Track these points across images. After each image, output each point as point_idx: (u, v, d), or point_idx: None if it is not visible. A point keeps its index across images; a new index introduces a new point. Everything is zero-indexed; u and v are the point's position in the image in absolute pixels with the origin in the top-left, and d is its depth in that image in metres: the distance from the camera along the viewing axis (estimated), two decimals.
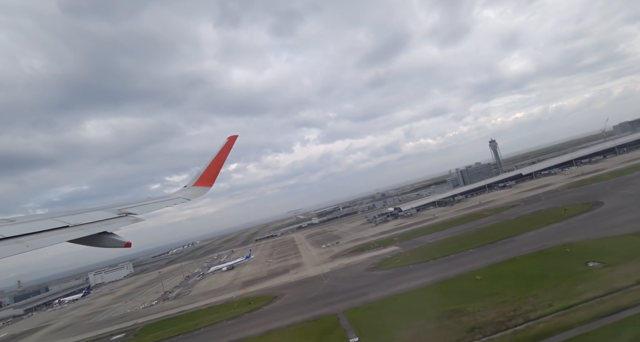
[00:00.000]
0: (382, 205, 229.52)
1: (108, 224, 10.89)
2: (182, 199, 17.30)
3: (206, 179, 20.35)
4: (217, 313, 68.21)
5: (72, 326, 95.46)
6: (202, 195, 19.41)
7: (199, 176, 20.35)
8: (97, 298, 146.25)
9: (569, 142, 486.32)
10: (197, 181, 20.26)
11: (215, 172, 20.77)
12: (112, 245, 9.97)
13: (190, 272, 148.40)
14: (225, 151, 21.22)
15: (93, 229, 10.11)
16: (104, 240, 9.99)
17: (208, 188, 20.32)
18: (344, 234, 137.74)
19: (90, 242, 9.81)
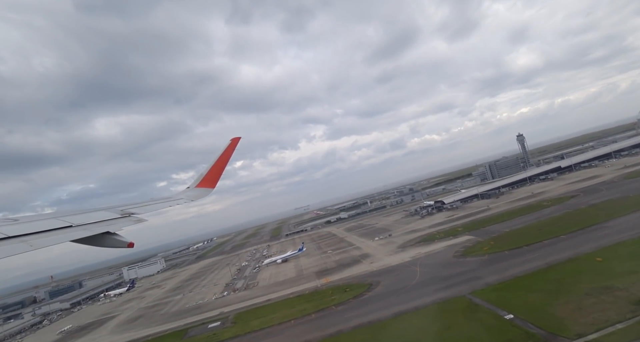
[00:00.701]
0: (410, 199, 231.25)
1: (111, 224, 11.13)
2: (184, 200, 17.57)
3: (209, 180, 20.45)
4: (314, 300, 69.66)
5: (144, 317, 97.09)
6: (205, 196, 19.55)
7: (201, 177, 20.48)
8: (145, 292, 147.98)
9: (583, 136, 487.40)
10: (200, 182, 20.37)
11: (218, 174, 20.80)
12: (115, 245, 10.12)
13: (236, 265, 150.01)
14: (228, 153, 21.32)
15: (96, 229, 10.28)
16: (107, 240, 10.16)
17: (211, 189, 20.44)
18: (391, 227, 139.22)
19: (94, 242, 9.98)
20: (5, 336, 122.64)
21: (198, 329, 71.47)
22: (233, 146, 21.45)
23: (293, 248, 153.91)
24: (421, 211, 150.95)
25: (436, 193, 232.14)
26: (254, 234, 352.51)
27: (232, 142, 21.56)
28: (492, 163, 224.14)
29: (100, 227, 10.45)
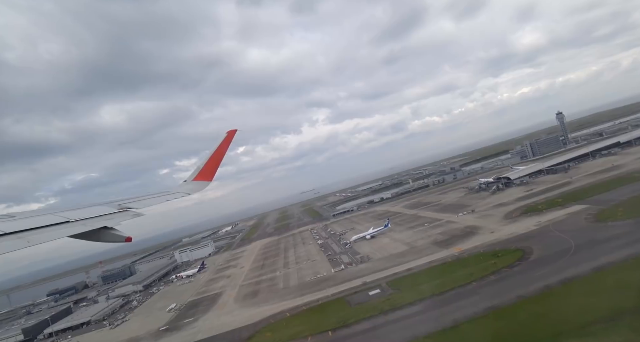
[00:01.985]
0: (452, 178, 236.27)
1: (108, 219, 11.20)
2: (182, 193, 17.68)
3: (206, 173, 20.53)
4: (469, 266, 73.52)
5: (263, 292, 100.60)
6: (202, 189, 19.63)
7: (198, 171, 20.55)
8: (223, 272, 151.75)
9: (595, 114, 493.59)
10: (197, 176, 20.46)
11: (215, 167, 20.85)
12: (112, 240, 10.21)
13: (311, 243, 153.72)
14: (225, 145, 21.34)
15: (93, 224, 10.31)
16: (104, 235, 10.22)
17: (208, 182, 20.49)
18: (464, 203, 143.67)
19: (91, 237, 10.01)
20: (103, 316, 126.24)
21: (358, 296, 75.30)
22: (229, 139, 21.58)
23: (362, 226, 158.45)
24: (487, 187, 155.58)
25: (476, 172, 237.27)
26: (283, 217, 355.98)
27: (228, 135, 21.67)
28: (533, 142, 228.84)
29: (98, 222, 10.54)
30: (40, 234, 8.71)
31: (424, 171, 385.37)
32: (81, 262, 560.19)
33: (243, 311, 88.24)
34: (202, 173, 20.55)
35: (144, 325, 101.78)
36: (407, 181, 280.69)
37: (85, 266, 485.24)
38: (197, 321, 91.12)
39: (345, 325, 62.81)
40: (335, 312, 70.62)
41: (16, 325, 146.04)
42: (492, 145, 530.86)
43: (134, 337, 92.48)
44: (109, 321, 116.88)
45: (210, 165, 20.84)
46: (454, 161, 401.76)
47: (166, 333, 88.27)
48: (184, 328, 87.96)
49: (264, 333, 69.87)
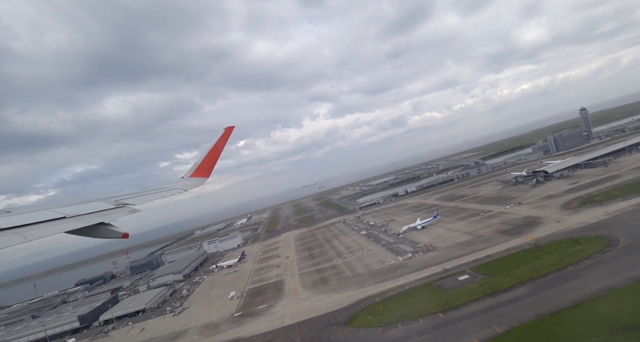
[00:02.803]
0: (476, 172, 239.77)
1: (105, 215, 11.23)
2: (179, 189, 17.69)
3: (203, 169, 20.49)
4: (554, 253, 76.47)
5: (332, 280, 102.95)
6: (199, 186, 19.65)
7: (196, 167, 20.50)
8: (268, 261, 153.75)
9: (602, 111, 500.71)
10: (194, 172, 20.43)
11: (212, 163, 20.81)
12: (109, 236, 10.26)
13: (353, 235, 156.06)
14: (222, 142, 21.21)
15: (90, 220, 10.33)
16: (101, 231, 10.26)
17: (205, 179, 20.49)
18: (505, 195, 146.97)
19: (88, 233, 10.09)
20: (157, 304, 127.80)
21: (447, 282, 77.70)
22: (227, 135, 21.50)
23: (402, 218, 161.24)
24: (524, 180, 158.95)
25: (499, 166, 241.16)
26: (300, 210, 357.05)
27: (226, 131, 21.60)
28: (556, 137, 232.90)
29: (95, 218, 10.56)
30: (37, 229, 8.73)
31: (436, 165, 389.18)
32: (82, 254, 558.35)
33: (322, 297, 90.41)
34: (200, 169, 20.50)
35: (212, 312, 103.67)
36: (423, 175, 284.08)
37: (86, 259, 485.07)
38: (273, 307, 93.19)
39: (452, 307, 65.27)
40: (430, 296, 73.02)
41: (54, 314, 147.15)
42: (501, 141, 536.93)
43: (210, 323, 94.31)
44: (169, 309, 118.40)
45: (207, 162, 20.76)
46: (467, 156, 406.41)
47: (245, 319, 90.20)
48: (264, 314, 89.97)
49: (363, 316, 72.16)
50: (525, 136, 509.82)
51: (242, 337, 79.07)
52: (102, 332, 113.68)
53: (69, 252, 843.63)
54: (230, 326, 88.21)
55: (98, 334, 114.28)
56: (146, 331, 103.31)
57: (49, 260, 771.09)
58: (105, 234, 10.34)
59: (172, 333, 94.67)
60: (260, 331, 79.53)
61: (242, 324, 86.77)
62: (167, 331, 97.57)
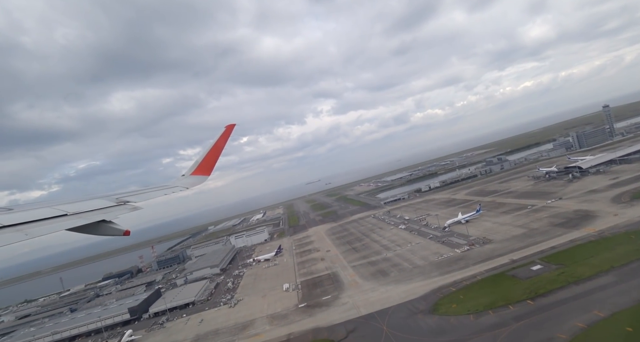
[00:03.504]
0: (499, 168, 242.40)
1: (106, 213, 11.31)
2: (180, 187, 17.77)
3: (204, 168, 20.54)
4: (627, 244, 78.40)
5: (395, 272, 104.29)
6: (199, 184, 19.70)
7: (197, 165, 20.56)
8: (308, 255, 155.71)
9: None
10: (194, 170, 20.47)
11: (212, 161, 20.84)
12: (110, 233, 10.34)
13: (391, 228, 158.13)
14: (223, 140, 21.25)
15: (91, 217, 10.40)
16: (102, 228, 10.34)
17: (206, 177, 20.49)
18: (542, 191, 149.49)
19: (89, 231, 10.13)
20: (206, 297, 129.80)
21: (521, 271, 79.69)
22: (228, 133, 21.50)
23: (439, 211, 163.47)
24: (557, 175, 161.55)
25: (521, 162, 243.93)
26: (318, 206, 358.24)
27: (226, 129, 21.60)
28: (580, 133, 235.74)
29: (96, 216, 10.66)
30: (39, 227, 8.81)
31: (450, 161, 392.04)
32: (83, 251, 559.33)
33: (389, 288, 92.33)
34: (201, 167, 20.56)
35: (271, 303, 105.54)
36: (441, 172, 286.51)
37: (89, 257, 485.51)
38: (339, 298, 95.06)
39: (539, 295, 67.50)
40: (509, 285, 75.18)
41: (97, 306, 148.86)
42: (510, 138, 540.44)
43: (276, 314, 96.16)
44: (222, 301, 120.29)
45: (208, 160, 20.81)
46: (480, 153, 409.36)
47: (313, 309, 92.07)
48: (332, 304, 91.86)
49: (447, 305, 74.23)
50: (535, 133, 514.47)
51: (320, 326, 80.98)
52: (157, 324, 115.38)
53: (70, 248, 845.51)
54: (301, 316, 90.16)
55: (153, 325, 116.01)
56: (206, 322, 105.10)
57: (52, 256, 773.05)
58: (106, 231, 10.37)
59: (238, 324, 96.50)
60: (336, 320, 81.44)
61: (314, 315, 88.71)
62: (230, 322, 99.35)
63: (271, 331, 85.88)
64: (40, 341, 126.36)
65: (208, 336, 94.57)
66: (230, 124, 21.85)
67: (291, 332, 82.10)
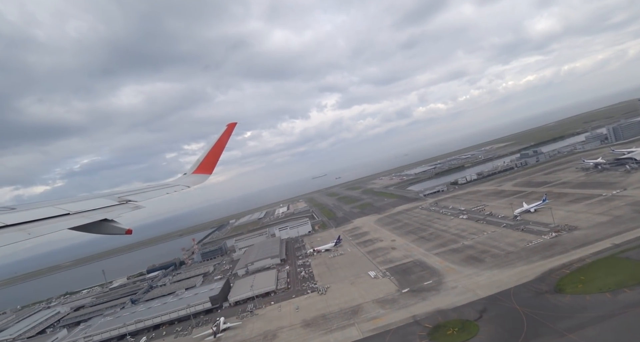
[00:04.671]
0: (535, 161, 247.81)
1: (108, 211, 11.43)
2: (181, 186, 17.92)
3: (205, 166, 20.67)
4: None
5: (485, 258, 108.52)
6: (201, 182, 19.80)
7: (198, 163, 20.71)
8: (371, 246, 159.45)
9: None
10: (196, 169, 20.60)
11: (214, 160, 20.88)
12: (112, 232, 10.45)
13: (450, 219, 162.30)
14: (225, 138, 21.37)
15: (93, 216, 10.50)
16: (104, 227, 10.48)
17: (208, 175, 20.62)
18: (600, 182, 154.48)
19: (91, 230, 10.26)
20: (287, 285, 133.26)
21: (634, 253, 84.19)
22: (229, 132, 21.57)
23: (494, 203, 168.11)
24: (609, 167, 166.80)
25: (555, 156, 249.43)
26: (346, 199, 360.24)
27: (228, 128, 21.72)
28: (616, 126, 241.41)
29: (98, 215, 10.80)
30: (41, 226, 8.90)
31: (472, 155, 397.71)
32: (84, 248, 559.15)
33: (493, 272, 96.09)
34: (202, 166, 20.72)
35: (366, 289, 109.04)
36: (467, 165, 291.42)
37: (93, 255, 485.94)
38: (442, 283, 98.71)
39: None
40: (628, 266, 79.61)
41: (163, 297, 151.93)
42: (525, 131, 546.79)
43: (380, 299, 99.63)
44: (309, 289, 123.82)
45: (210, 158, 20.93)
46: (499, 146, 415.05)
47: (421, 294, 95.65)
48: (439, 289, 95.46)
49: (572, 285, 78.30)
50: (552, 127, 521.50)
51: (442, 308, 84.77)
52: (247, 311, 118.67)
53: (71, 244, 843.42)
54: (413, 300, 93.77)
55: (242, 313, 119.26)
56: (304, 309, 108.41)
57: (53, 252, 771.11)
58: (108, 230, 10.55)
59: (344, 309, 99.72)
60: (457, 302, 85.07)
61: (426, 298, 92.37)
62: (333, 308, 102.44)
63: (390, 314, 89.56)
64: (124, 329, 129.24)
65: (317, 321, 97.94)
66: (231, 123, 21.80)
67: (413, 314, 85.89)
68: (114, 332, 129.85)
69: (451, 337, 73.15)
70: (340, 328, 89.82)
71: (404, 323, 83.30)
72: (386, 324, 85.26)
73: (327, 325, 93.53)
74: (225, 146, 21.37)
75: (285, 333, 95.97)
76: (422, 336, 76.50)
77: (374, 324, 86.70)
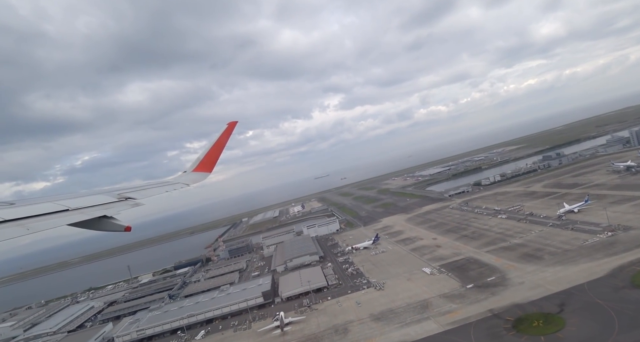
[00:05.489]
0: (558, 163, 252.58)
1: (108, 208, 11.48)
2: (181, 184, 17.93)
3: (205, 164, 20.71)
4: None
5: (543, 253, 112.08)
6: (201, 180, 19.76)
7: (198, 162, 20.79)
8: (412, 244, 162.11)
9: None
10: (196, 167, 20.64)
11: (214, 158, 20.95)
12: (111, 229, 10.60)
13: (492, 217, 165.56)
14: (225, 137, 21.45)
15: (93, 212, 10.62)
16: (103, 224, 10.63)
17: (208, 174, 20.64)
18: (634, 185, 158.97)
19: (90, 226, 10.43)
20: (338, 281, 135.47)
21: None
22: (230, 130, 21.60)
23: (529, 203, 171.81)
24: None
25: (576, 159, 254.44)
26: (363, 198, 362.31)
27: (229, 126, 21.72)
28: (638, 129, 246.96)
29: (97, 211, 10.81)
30: (40, 221, 8.90)
31: (486, 156, 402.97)
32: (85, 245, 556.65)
33: (556, 268, 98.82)
34: (202, 164, 20.77)
35: (426, 285, 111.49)
36: (484, 166, 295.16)
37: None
38: (506, 279, 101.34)
39: None
40: None
41: (206, 293, 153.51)
42: (536, 135, 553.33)
43: (446, 294, 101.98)
44: (365, 285, 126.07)
45: (210, 157, 20.95)
46: (511, 149, 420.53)
47: (488, 289, 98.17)
48: (506, 284, 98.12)
49: None
50: (560, 130, 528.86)
51: (518, 302, 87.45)
52: (305, 306, 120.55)
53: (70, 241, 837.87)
54: (482, 295, 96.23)
55: (299, 307, 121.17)
56: (366, 304, 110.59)
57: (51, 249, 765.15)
58: (107, 227, 10.63)
59: (411, 304, 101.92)
60: (531, 297, 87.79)
61: (496, 293, 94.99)
62: (399, 303, 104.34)
63: (463, 308, 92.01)
64: (177, 323, 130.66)
65: (386, 315, 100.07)
66: (232, 121, 21.81)
67: (490, 308, 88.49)
68: (166, 326, 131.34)
69: (538, 329, 75.85)
70: (415, 322, 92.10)
71: (483, 317, 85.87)
72: (464, 317, 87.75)
73: (399, 319, 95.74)
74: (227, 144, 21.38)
75: (357, 327, 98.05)
76: (508, 328, 79.15)
77: (451, 318, 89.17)
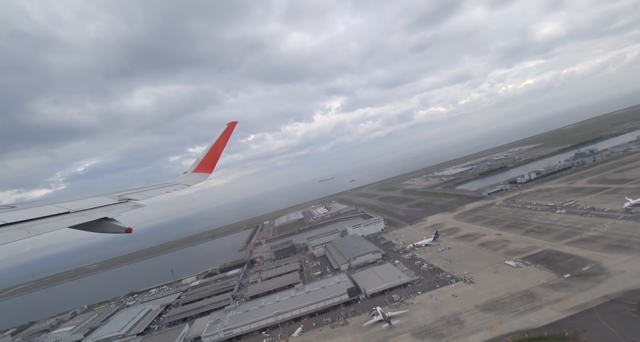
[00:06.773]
0: (592, 160, 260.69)
1: (108, 210, 11.72)
2: (182, 185, 17.97)
3: (206, 165, 20.74)
4: None
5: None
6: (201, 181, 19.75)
7: (198, 162, 20.88)
8: (474, 241, 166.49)
9: None
10: (196, 168, 20.71)
11: (214, 159, 20.95)
12: (112, 231, 10.76)
13: (536, 213, 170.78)
14: (225, 137, 21.45)
15: (94, 214, 10.75)
16: (104, 226, 10.78)
17: (208, 174, 20.68)
18: None
19: (91, 228, 10.56)
20: (418, 277, 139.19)
21: None
22: (229, 131, 21.57)
23: (585, 198, 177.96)
24: None
25: (610, 156, 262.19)
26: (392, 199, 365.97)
27: (228, 127, 21.70)
28: None
29: (98, 213, 11.03)
30: (41, 224, 8.97)
31: (505, 156, 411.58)
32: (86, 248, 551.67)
33: None
34: (202, 165, 20.77)
35: (518, 277, 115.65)
36: (510, 165, 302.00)
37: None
38: (604, 268, 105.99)
39: None
40: None
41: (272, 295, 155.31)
42: (549, 133, 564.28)
43: (546, 283, 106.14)
44: (452, 279, 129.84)
45: (210, 158, 20.98)
46: (528, 148, 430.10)
47: (588, 278, 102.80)
48: (608, 273, 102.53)
49: None
50: (575, 129, 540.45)
51: (631, 289, 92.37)
52: (398, 301, 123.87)
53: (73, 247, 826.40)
54: (587, 283, 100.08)
55: (392, 303, 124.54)
56: (464, 296, 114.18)
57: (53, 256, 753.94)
58: (108, 229, 10.68)
59: (514, 294, 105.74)
60: None
61: (601, 281, 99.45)
62: (499, 294, 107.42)
63: (575, 296, 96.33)
64: (264, 322, 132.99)
65: (493, 305, 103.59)
66: (232, 122, 21.68)
67: (604, 294, 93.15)
68: (253, 325, 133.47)
69: None
70: (530, 310, 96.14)
71: (602, 302, 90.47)
72: (580, 303, 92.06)
73: (510, 308, 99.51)
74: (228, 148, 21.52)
75: (469, 317, 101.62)
76: (634, 311, 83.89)
77: (567, 305, 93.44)
